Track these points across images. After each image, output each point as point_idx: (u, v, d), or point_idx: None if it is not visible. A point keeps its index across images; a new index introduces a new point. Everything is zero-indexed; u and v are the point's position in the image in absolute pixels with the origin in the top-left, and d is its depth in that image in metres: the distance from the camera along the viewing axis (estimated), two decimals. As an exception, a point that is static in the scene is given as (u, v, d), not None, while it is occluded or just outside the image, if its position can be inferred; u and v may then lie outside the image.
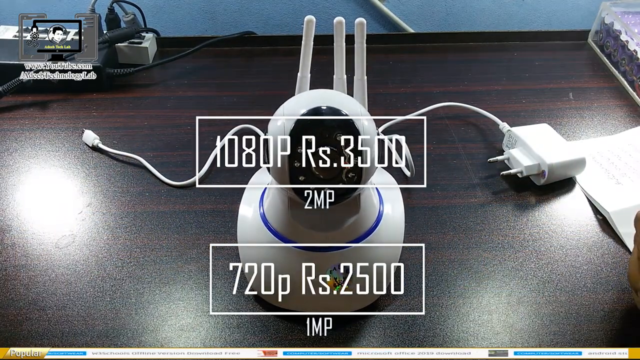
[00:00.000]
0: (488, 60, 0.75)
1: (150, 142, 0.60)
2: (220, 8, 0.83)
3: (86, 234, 0.49)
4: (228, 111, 0.65)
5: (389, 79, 0.71)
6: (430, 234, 0.50)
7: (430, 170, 0.56)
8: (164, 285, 0.45)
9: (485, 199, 0.53)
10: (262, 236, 0.42)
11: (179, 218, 0.51)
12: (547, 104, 0.67)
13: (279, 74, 0.72)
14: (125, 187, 0.54)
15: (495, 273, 0.46)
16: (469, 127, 0.63)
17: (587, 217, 0.52)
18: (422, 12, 0.84)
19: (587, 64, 0.75)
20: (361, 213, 0.41)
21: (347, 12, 0.83)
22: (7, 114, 0.64)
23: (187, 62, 0.73)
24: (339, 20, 0.39)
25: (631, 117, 0.65)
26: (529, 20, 0.86)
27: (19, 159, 0.58)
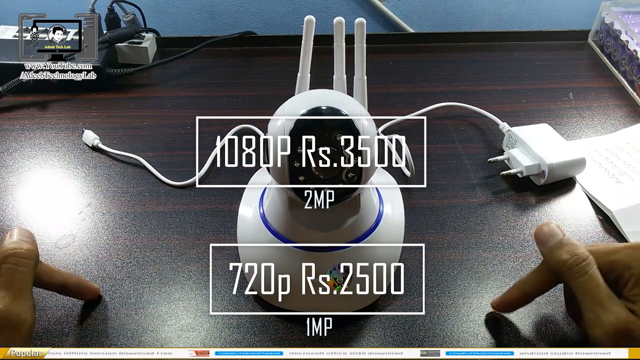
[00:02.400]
0: (488, 60, 0.75)
1: (150, 142, 0.60)
2: (220, 8, 0.83)
3: (86, 234, 0.49)
4: (228, 111, 0.65)
5: (389, 79, 0.71)
6: (430, 234, 0.50)
7: (430, 170, 0.56)
8: (164, 285, 0.45)
9: (485, 199, 0.53)
10: (262, 236, 0.42)
11: (179, 218, 0.51)
12: (547, 104, 0.67)
13: (279, 74, 0.72)
14: (125, 187, 0.54)
15: (495, 273, 0.46)
16: (469, 127, 0.63)
17: (587, 217, 0.52)
18: (422, 12, 0.84)
19: (587, 64, 0.75)
20: (361, 213, 0.41)
21: (347, 12, 0.83)
22: (7, 114, 0.64)
23: (187, 62, 0.73)
24: (339, 20, 0.39)
25: (631, 117, 0.65)
26: (529, 20, 0.86)
27: (19, 159, 0.58)
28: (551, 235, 0.38)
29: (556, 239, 0.37)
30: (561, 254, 0.36)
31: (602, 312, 0.34)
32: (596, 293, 0.35)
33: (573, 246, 0.37)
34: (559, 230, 0.38)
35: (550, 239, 0.38)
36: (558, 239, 0.37)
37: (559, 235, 0.37)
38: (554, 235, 0.38)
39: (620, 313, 0.34)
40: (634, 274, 0.35)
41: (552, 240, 0.37)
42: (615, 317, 0.34)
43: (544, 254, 0.38)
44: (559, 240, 0.37)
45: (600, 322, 0.34)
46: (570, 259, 0.36)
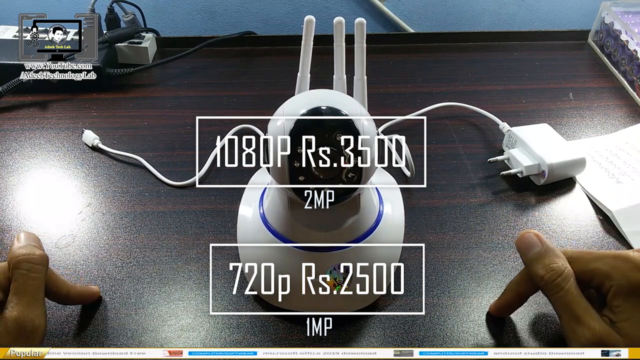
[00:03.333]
0: (488, 60, 0.75)
1: (150, 142, 0.60)
2: (220, 8, 0.83)
3: (86, 234, 0.49)
4: (228, 111, 0.65)
5: (389, 79, 0.71)
6: (430, 234, 0.50)
7: (430, 170, 0.56)
8: (164, 285, 0.45)
9: (485, 199, 0.53)
10: (262, 236, 0.42)
11: (179, 218, 0.51)
12: (547, 104, 0.67)
13: (279, 74, 0.72)
14: (125, 187, 0.54)
15: (495, 273, 0.46)
16: (469, 127, 0.63)
17: (587, 217, 0.52)
18: (422, 12, 0.84)
19: (587, 64, 0.75)
20: (361, 213, 0.41)
21: (347, 12, 0.83)
22: (7, 114, 0.64)
23: (187, 62, 0.73)
24: (338, 20, 0.39)
25: (631, 117, 0.65)
26: (529, 20, 0.86)
27: (19, 159, 0.58)
28: (530, 246, 0.37)
29: (534, 250, 0.37)
30: (538, 268, 0.36)
31: (577, 326, 0.34)
32: (572, 308, 0.35)
33: (550, 259, 0.36)
34: (537, 241, 0.37)
35: (528, 250, 0.37)
36: (536, 252, 0.37)
37: (537, 246, 0.37)
38: (532, 247, 0.37)
39: (596, 327, 0.34)
40: (614, 284, 0.35)
41: (530, 252, 0.37)
42: (591, 331, 0.34)
43: (525, 263, 0.38)
44: (536, 253, 0.37)
45: (576, 337, 0.34)
46: (546, 275, 0.36)
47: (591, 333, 0.34)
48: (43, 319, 0.36)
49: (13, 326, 0.34)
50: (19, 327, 0.34)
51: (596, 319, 0.34)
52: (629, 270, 0.34)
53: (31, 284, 0.36)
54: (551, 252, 0.37)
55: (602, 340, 0.34)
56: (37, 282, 0.36)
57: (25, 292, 0.35)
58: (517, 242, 0.38)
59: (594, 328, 0.34)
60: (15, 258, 0.36)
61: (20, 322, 0.34)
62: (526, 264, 0.38)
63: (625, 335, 0.34)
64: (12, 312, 0.34)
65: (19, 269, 0.35)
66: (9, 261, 0.36)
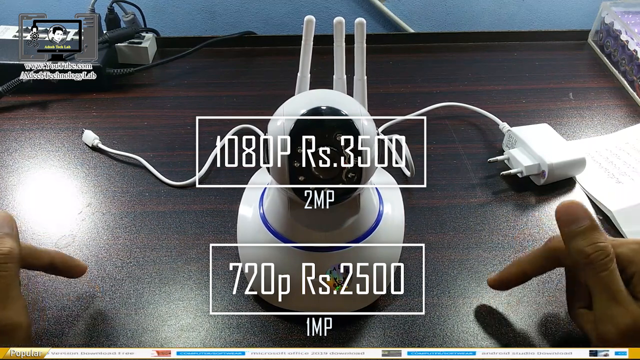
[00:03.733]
0: (488, 60, 0.75)
1: (150, 142, 0.60)
2: (220, 8, 0.83)
3: (86, 234, 0.49)
4: (228, 111, 0.65)
5: (389, 79, 0.71)
6: (430, 234, 0.50)
7: (430, 170, 0.56)
8: (164, 285, 0.45)
9: (485, 199, 0.53)
10: (262, 236, 0.42)
11: (179, 218, 0.51)
12: (547, 104, 0.67)
13: (279, 74, 0.72)
14: (125, 187, 0.54)
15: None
16: (469, 127, 0.63)
17: (587, 217, 0.52)
18: (422, 12, 0.84)
19: (587, 64, 0.75)
20: (361, 213, 0.41)
21: (347, 12, 0.83)
22: (7, 114, 0.64)
23: (186, 62, 0.73)
24: (338, 20, 0.39)
25: (631, 117, 0.65)
26: (529, 20, 0.86)
27: (19, 159, 0.58)
28: (575, 218, 0.35)
29: (581, 224, 0.34)
30: (584, 245, 0.34)
31: (615, 307, 0.34)
32: (614, 289, 0.34)
33: (597, 237, 0.34)
34: (584, 213, 0.35)
35: (573, 222, 0.35)
36: (583, 226, 0.34)
37: (584, 220, 0.34)
38: (578, 220, 0.35)
39: (634, 310, 0.34)
40: (637, 270, 0.34)
41: (575, 225, 0.35)
42: (629, 313, 0.33)
43: (564, 235, 0.36)
44: (584, 228, 0.34)
45: (612, 318, 0.34)
46: (593, 253, 0.34)
47: (629, 315, 0.33)
48: (22, 314, 0.34)
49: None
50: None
51: (633, 302, 0.34)
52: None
53: (2, 283, 0.34)
54: (598, 229, 0.35)
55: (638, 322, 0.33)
56: (8, 280, 0.34)
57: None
58: (558, 212, 0.35)
59: (632, 310, 0.33)
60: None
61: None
62: (566, 237, 0.35)
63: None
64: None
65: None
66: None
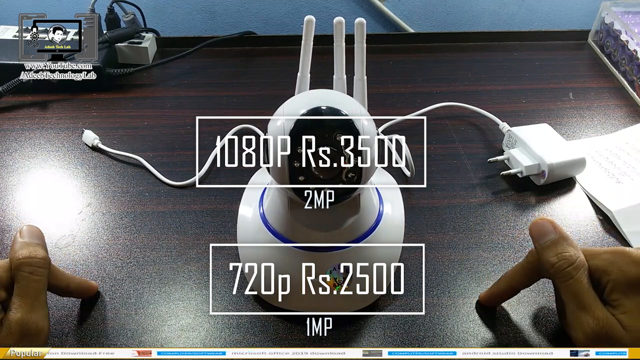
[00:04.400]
0: (488, 60, 0.75)
1: (150, 142, 0.60)
2: (220, 8, 0.83)
3: (86, 234, 0.49)
4: (228, 111, 0.65)
5: (389, 79, 0.71)
6: (430, 234, 0.50)
7: (430, 170, 0.56)
8: (164, 285, 0.45)
9: (485, 199, 0.53)
10: (262, 236, 0.42)
11: (179, 218, 0.51)
12: (547, 104, 0.67)
13: (279, 74, 0.72)
14: (125, 187, 0.54)
15: (495, 273, 0.46)
16: (469, 127, 0.63)
17: (588, 217, 0.52)
18: (422, 12, 0.84)
19: (587, 64, 0.75)
20: (361, 213, 0.41)
21: (347, 12, 0.83)
22: (7, 114, 0.64)
23: (187, 62, 0.73)
24: (338, 20, 0.39)
25: (631, 117, 0.65)
26: (529, 20, 0.86)
27: (19, 159, 0.58)
28: (543, 233, 0.37)
29: (548, 238, 0.37)
30: (549, 255, 0.36)
31: (583, 315, 0.35)
32: (580, 297, 0.35)
33: (563, 247, 0.36)
34: (551, 228, 0.37)
35: (542, 237, 0.37)
36: (550, 239, 0.37)
37: (551, 234, 0.37)
38: (546, 234, 0.37)
39: (601, 316, 0.34)
40: (611, 279, 0.35)
41: (544, 239, 0.37)
42: (596, 320, 0.34)
43: (536, 250, 0.38)
44: (550, 240, 0.37)
45: (581, 325, 0.35)
46: (557, 262, 0.36)
47: (596, 322, 0.34)
48: (46, 320, 0.36)
49: (17, 328, 0.34)
50: (22, 329, 0.34)
51: (602, 309, 0.35)
52: (625, 264, 0.35)
53: (34, 287, 0.36)
54: (564, 240, 0.37)
55: (605, 329, 0.34)
56: (40, 285, 0.36)
57: (28, 295, 0.35)
58: (530, 229, 0.38)
59: (599, 317, 0.34)
60: (18, 260, 0.36)
61: (23, 324, 0.34)
62: (538, 251, 0.38)
63: (624, 327, 0.34)
64: (16, 314, 0.34)
65: (22, 270, 0.35)
66: (10, 258, 0.36)
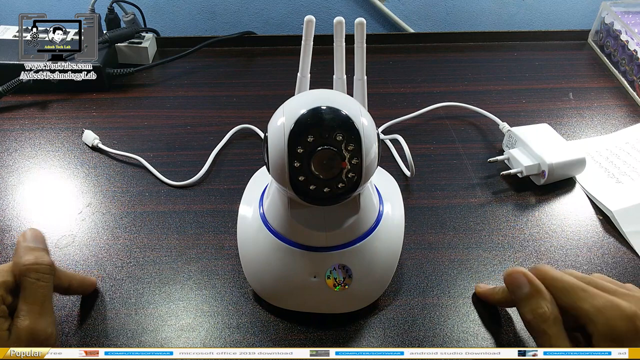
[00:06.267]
0: (488, 60, 0.75)
1: (150, 142, 0.60)
2: (220, 8, 0.83)
3: (86, 234, 0.49)
4: (228, 111, 0.65)
5: (389, 79, 0.71)
6: (430, 234, 0.50)
7: (430, 170, 0.56)
8: (164, 286, 0.45)
9: (485, 199, 0.53)
10: (262, 236, 0.42)
11: (179, 218, 0.51)
12: (547, 104, 0.67)
13: (279, 74, 0.72)
14: (125, 187, 0.54)
15: (495, 273, 0.46)
16: (469, 127, 0.63)
17: (587, 217, 0.52)
18: (422, 12, 0.85)
19: (587, 64, 0.75)
20: (361, 213, 0.41)
21: (347, 12, 0.83)
22: (7, 114, 0.64)
23: (187, 62, 0.73)
24: (338, 20, 0.39)
25: (631, 117, 0.65)
26: (529, 20, 0.86)
27: (19, 159, 0.58)
28: (518, 286, 0.37)
29: (522, 290, 0.37)
30: (525, 311, 0.36)
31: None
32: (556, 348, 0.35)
33: (537, 303, 0.36)
34: (525, 281, 0.37)
35: (517, 289, 0.37)
36: (524, 292, 0.37)
37: (525, 287, 0.37)
38: (520, 287, 0.37)
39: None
40: (596, 331, 0.34)
41: (518, 292, 0.37)
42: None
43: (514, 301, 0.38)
44: (524, 294, 0.37)
45: None
46: (532, 320, 0.36)
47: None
48: (53, 326, 0.36)
49: (26, 336, 0.34)
50: (31, 336, 0.34)
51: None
52: (614, 318, 0.34)
53: (41, 293, 0.36)
54: (538, 295, 0.36)
55: None
56: (46, 291, 0.36)
57: (36, 302, 0.35)
58: (505, 280, 0.38)
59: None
60: (24, 265, 0.36)
61: (33, 331, 0.34)
62: (515, 302, 0.38)
63: None
64: (24, 321, 0.34)
65: (28, 277, 0.36)
66: (15, 263, 0.36)
